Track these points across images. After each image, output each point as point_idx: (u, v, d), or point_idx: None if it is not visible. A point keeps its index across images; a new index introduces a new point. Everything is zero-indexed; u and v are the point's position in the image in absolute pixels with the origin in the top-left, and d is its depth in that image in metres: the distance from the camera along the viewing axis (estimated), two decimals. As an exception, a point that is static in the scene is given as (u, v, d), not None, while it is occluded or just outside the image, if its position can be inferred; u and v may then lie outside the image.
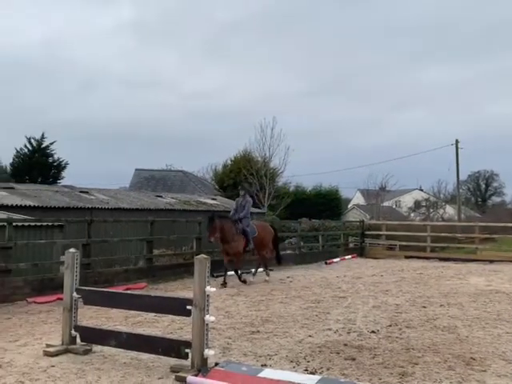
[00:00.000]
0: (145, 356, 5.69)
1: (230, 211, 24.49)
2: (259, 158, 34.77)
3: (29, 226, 10.55)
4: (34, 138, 40.87)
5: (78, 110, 77.70)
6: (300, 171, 79.98)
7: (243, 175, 33.25)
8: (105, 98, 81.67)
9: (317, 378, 4.84)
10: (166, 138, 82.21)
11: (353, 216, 45.48)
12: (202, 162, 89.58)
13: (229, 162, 38.43)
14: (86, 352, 5.93)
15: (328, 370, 5.40)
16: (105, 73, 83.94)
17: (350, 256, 20.07)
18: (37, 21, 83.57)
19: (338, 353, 6.06)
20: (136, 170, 37.38)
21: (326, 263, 17.69)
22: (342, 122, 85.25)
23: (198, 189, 36.36)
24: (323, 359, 5.80)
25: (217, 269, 12.01)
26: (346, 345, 6.42)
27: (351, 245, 23.03)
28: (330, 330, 7.29)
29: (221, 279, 12.10)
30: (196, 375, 4.88)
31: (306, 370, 5.34)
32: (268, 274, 13.18)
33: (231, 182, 35.46)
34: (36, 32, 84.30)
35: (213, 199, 28.25)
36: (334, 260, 18.41)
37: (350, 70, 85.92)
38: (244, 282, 12.17)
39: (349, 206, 56.68)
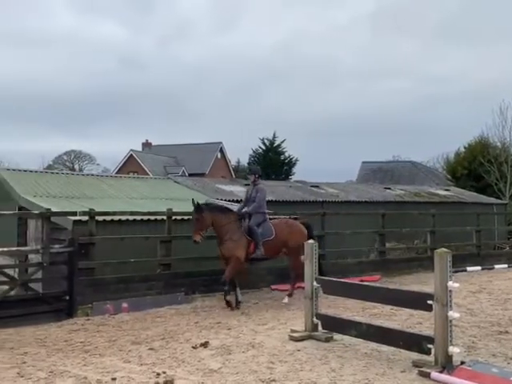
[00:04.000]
0: (384, 348, 5.69)
1: (465, 203, 22.92)
2: (498, 144, 31.66)
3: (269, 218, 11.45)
4: (266, 138, 44.30)
5: (308, 107, 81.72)
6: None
7: (479, 163, 30.71)
8: (336, 94, 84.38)
9: None
10: (394, 128, 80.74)
11: None
12: (432, 151, 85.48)
13: (462, 149, 35.80)
14: (328, 340, 6.19)
15: None
16: (338, 68, 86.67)
17: None
18: (273, 23, 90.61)
19: None
20: (363, 162, 37.59)
21: None
22: None
23: (428, 179, 34.89)
24: None
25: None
26: None
27: None
28: None
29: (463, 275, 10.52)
30: (440, 372, 4.70)
31: None
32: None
33: (465, 172, 32.96)
34: (273, 34, 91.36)
35: (446, 190, 26.72)
36: None
37: None
38: (229, 305, 8.59)
39: None
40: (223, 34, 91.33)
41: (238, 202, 15.10)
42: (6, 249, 8.64)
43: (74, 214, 8.84)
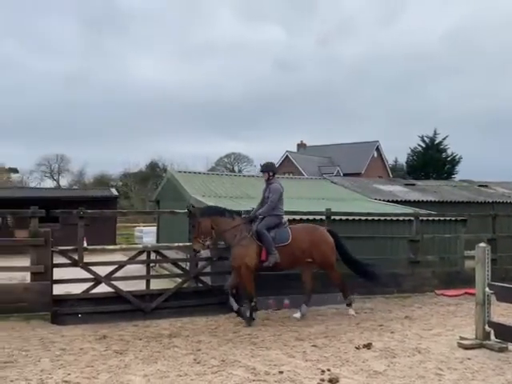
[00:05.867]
0: None
1: None
2: None
3: (433, 220, 10.93)
4: (426, 136, 42.39)
5: (476, 100, 76.41)
6: None
7: None
8: (508, 83, 77.65)
9: None
10: None
11: None
12: None
13: None
14: (502, 350, 5.78)
15: None
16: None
17: None
18: (440, 15, 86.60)
19: None
20: (538, 159, 34.04)
21: None
22: None
23: None
24: None
25: None
26: None
27: None
28: None
29: None
30: None
31: None
32: (350, 304, 8.45)
33: None
34: (439, 26, 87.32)
35: None
36: None
37: None
38: (248, 321, 7.74)
39: None
40: (385, 29, 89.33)
41: (396, 202, 14.71)
42: (181, 244, 9.44)
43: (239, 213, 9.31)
